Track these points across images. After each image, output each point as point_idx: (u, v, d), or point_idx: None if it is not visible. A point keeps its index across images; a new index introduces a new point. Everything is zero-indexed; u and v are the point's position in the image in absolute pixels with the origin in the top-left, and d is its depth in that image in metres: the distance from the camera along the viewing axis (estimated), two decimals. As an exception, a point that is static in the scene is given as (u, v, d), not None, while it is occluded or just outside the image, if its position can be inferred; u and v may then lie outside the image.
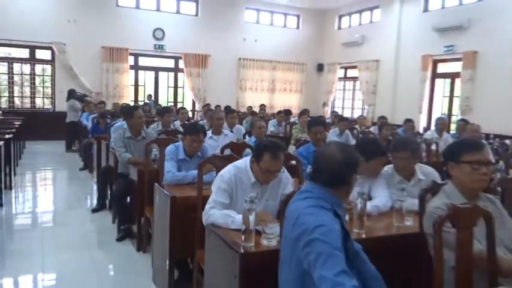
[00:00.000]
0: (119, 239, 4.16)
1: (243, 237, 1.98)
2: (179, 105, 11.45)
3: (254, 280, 1.95)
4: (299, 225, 1.60)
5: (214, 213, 2.31)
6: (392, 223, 2.47)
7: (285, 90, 13.96)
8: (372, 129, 7.35)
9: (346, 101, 13.56)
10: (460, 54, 8.92)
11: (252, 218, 1.96)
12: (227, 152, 3.61)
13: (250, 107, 11.81)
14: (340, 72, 13.35)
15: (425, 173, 2.95)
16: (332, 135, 6.46)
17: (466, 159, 2.00)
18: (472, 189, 2.02)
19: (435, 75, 9.98)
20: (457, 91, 9.27)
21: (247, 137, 5.40)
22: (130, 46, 11.64)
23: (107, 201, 5.16)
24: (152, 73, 12.84)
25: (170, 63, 12.86)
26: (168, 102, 12.74)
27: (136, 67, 12.40)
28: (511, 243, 2.05)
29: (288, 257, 1.68)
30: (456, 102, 9.28)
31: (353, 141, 6.49)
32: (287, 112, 9.18)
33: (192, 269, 2.88)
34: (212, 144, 4.63)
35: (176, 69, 12.90)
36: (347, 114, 12.41)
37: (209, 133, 4.98)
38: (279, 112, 9.02)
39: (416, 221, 2.32)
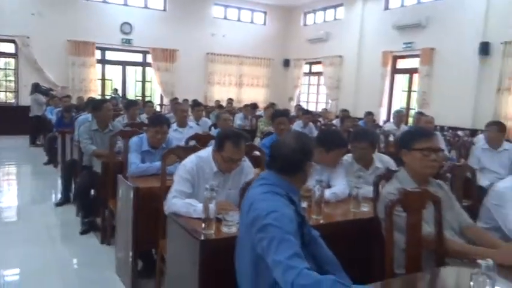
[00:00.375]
0: (83, 232, 4.11)
1: (203, 225, 2.02)
2: (147, 100, 11.30)
3: (215, 266, 1.99)
4: (253, 210, 1.65)
5: (176, 202, 2.33)
6: (350, 209, 2.57)
7: (252, 85, 14.06)
8: (334, 121, 7.53)
9: (311, 95, 13.78)
10: (418, 51, 9.25)
11: (212, 206, 2.00)
12: (192, 144, 3.63)
13: (217, 101, 11.81)
14: (306, 68, 13.56)
15: (382, 161, 3.09)
16: (296, 127, 6.57)
17: (417, 147, 2.11)
18: (422, 174, 2.14)
19: (395, 71, 10.31)
20: (415, 86, 9.61)
21: (213, 129, 5.41)
22: (97, 40, 11.39)
23: (71, 195, 5.07)
24: (120, 67, 12.62)
25: (138, 57, 12.69)
26: (136, 96, 12.58)
27: (103, 61, 12.16)
28: (457, 226, 2.19)
29: (244, 241, 1.73)
30: (414, 96, 9.62)
31: (316, 134, 6.64)
32: (253, 106, 9.25)
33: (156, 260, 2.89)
34: (177, 136, 4.63)
35: (144, 64, 12.75)
36: (312, 108, 12.62)
37: (174, 125, 4.99)
38: (246, 106, 9.07)
39: (372, 206, 2.42)
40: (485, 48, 7.87)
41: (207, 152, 2.55)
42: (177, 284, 2.29)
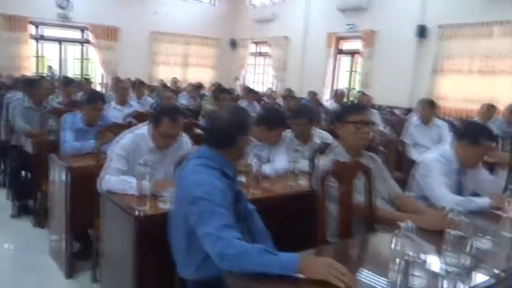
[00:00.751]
0: (14, 216, 3.92)
1: (138, 201, 1.98)
2: (85, 77, 10.79)
3: (152, 243, 1.96)
4: (185, 183, 1.64)
5: (110, 180, 2.26)
6: (288, 183, 2.62)
7: (198, 65, 13.80)
8: (279, 100, 7.59)
9: (258, 75, 13.79)
10: (360, 33, 9.47)
11: (146, 181, 1.96)
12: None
13: (161, 80, 11.52)
14: (252, 48, 13.49)
15: (321, 137, 3.17)
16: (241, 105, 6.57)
17: (350, 120, 2.17)
18: (356, 147, 2.21)
19: (339, 52, 10.51)
20: (358, 67, 9.88)
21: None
22: (30, 14, 10.60)
23: (1, 177, 4.78)
24: (57, 45, 11.87)
25: (77, 34, 11.99)
26: (75, 75, 11.94)
27: (38, 38, 11.37)
28: (388, 195, 2.30)
29: (176, 214, 1.72)
30: (356, 77, 9.91)
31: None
32: (198, 85, 9.11)
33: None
34: (117, 114, 4.46)
35: (84, 42, 12.09)
36: (258, 88, 12.61)
37: (113, 103, 4.82)
38: (191, 85, 8.91)
39: (309, 179, 2.48)
40: (422, 31, 8.19)
41: (143, 128, 2.48)
42: (113, 263, 2.24)
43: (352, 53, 10.22)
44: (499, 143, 4.33)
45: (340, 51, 10.52)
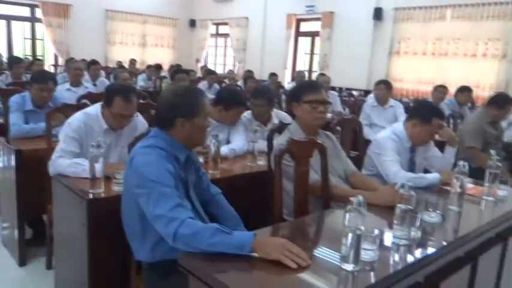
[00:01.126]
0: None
1: (90, 184, 1.92)
2: (36, 57, 10.27)
3: (106, 227, 1.91)
4: (133, 165, 1.60)
5: (62, 163, 2.17)
6: (247, 164, 2.62)
7: (156, 45, 13.44)
8: (239, 83, 7.56)
9: (219, 57, 13.63)
10: (319, 14, 9.52)
11: (99, 163, 1.90)
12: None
13: (119, 62, 11.17)
14: (212, 29, 13.27)
15: (280, 117, 3.19)
16: (201, 87, 6.48)
17: (306, 99, 2.19)
18: (311, 126, 2.23)
19: (298, 34, 10.54)
20: (317, 49, 9.96)
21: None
22: (-32, -13, 9.93)
23: None
24: (3, 22, 11.16)
25: (25, 11, 11.33)
26: (25, 56, 11.30)
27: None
28: (343, 173, 2.35)
29: (127, 196, 1.68)
30: (316, 59, 9.98)
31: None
32: (157, 67, 8.89)
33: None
34: (70, 96, 4.27)
35: (33, 19, 11.44)
36: (219, 70, 12.50)
37: (67, 85, 4.63)
38: (149, 66, 8.69)
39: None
40: (378, 14, 8.33)
41: (95, 108, 2.39)
42: (67, 249, 2.17)
43: (312, 35, 10.27)
44: (450, 122, 4.52)
45: (300, 33, 10.55)
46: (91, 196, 1.89)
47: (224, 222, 1.84)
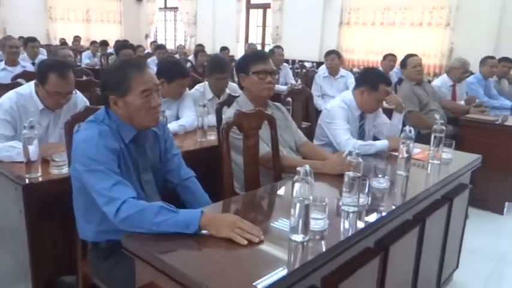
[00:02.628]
0: None
1: (25, 168, 1.79)
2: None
3: (45, 212, 1.81)
4: (74, 142, 1.51)
5: (-5, 147, 2.01)
6: (197, 139, 2.55)
7: (102, 21, 12.81)
8: (190, 57, 7.35)
9: (169, 32, 13.21)
10: (270, -15, 9.38)
11: (33, 146, 1.77)
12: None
13: (62, 39, 10.56)
14: (160, 2, 12.80)
15: (231, 89, 3.13)
16: (151, 64, 6.24)
17: (253, 70, 2.12)
18: (260, 97, 2.18)
19: (249, 6, 10.36)
20: (269, 21, 9.84)
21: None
22: None
23: None
24: None
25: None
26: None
27: None
28: (294, 144, 2.33)
29: (72, 174, 1.57)
30: (268, 31, 9.88)
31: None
32: (102, 43, 8.47)
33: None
34: (5, 76, 4.00)
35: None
36: (170, 45, 12.15)
37: (2, 64, 4.33)
38: (93, 43, 8.26)
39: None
40: (325, -17, 8.30)
41: (28, 87, 2.21)
42: (6, 238, 2.03)
43: (263, 7, 10.12)
44: (397, 90, 4.62)
45: (251, 5, 10.37)
46: (27, 181, 1.77)
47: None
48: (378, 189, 1.82)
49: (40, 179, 1.81)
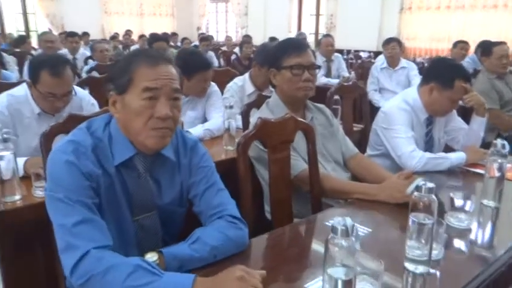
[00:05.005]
0: None
1: (2, 189, 1.45)
2: (33, 35, 9.78)
3: (25, 242, 1.47)
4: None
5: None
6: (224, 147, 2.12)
7: (155, 14, 12.83)
8: (235, 49, 6.95)
9: (220, 24, 12.95)
10: (324, -29, 8.77)
11: (7, 162, 1.42)
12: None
13: (116, 33, 10.61)
14: (212, -6, 12.58)
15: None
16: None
17: (286, 64, 1.65)
18: (295, 98, 1.71)
19: (302, -6, 9.85)
20: (323, 9, 9.24)
21: (90, 62, 4.59)
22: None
23: None
24: (-9, -4, 10.67)
25: (14, -16, 10.80)
26: (17, 31, 10.82)
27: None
28: (340, 157, 1.83)
29: None
30: (322, 20, 9.28)
31: (216, 62, 6.08)
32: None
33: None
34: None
35: (23, -8, 10.91)
36: (221, 37, 11.88)
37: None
38: (142, 36, 8.12)
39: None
40: (388, -34, 7.57)
41: (23, 88, 1.88)
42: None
43: (317, -6, 9.53)
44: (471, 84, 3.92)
45: (304, -7, 9.83)
46: (1, 207, 1.43)
47: None
48: (456, 230, 1.29)
49: (19, 203, 1.47)
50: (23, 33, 10.33)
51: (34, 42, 8.47)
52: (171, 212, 1.24)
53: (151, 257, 1.01)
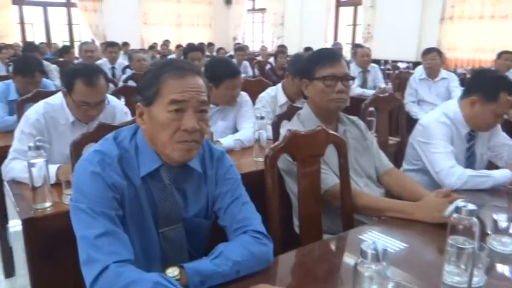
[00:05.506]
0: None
1: (34, 196, 1.47)
2: (76, 45, 10.17)
3: (54, 251, 1.48)
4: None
5: (15, 166, 1.74)
6: (253, 159, 2.08)
7: (192, 24, 13.09)
8: (270, 59, 6.94)
9: (256, 34, 13.04)
10: (362, -20, 8.65)
11: (39, 169, 1.44)
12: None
13: (155, 43, 10.88)
14: (248, 4, 12.68)
15: None
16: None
17: (318, 75, 1.60)
18: (327, 109, 1.65)
19: (339, 4, 9.74)
20: (360, 19, 9.11)
21: (127, 71, 4.70)
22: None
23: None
24: (40, 9, 11.17)
25: (60, -3, 11.31)
26: (63, 41, 11.31)
27: (19, 1, 10.64)
28: (374, 172, 1.75)
29: None
30: (359, 30, 9.14)
31: (250, 72, 6.09)
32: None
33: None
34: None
35: (68, 4, 11.35)
36: (257, 47, 11.94)
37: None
38: (178, 46, 8.28)
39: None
40: (428, -26, 7.39)
41: (59, 97, 1.93)
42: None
43: (354, 4, 9.41)
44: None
45: (341, 3, 9.73)
46: (31, 214, 1.45)
47: None
48: (500, 255, 1.20)
49: (49, 210, 1.48)
50: (68, 44, 10.78)
51: (77, 51, 8.85)
52: (197, 225, 1.22)
53: (172, 271, 0.98)
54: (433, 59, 4.03)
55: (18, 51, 7.14)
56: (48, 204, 1.49)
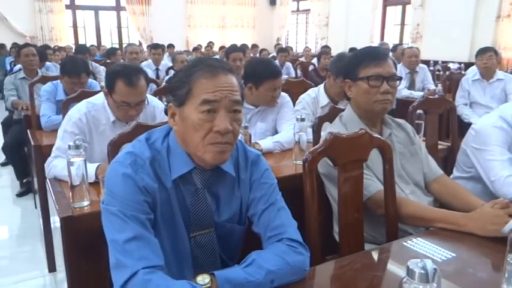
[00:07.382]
0: (20, 195, 3.68)
1: (73, 194, 1.48)
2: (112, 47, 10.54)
3: (93, 250, 1.48)
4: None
5: (57, 165, 1.78)
6: (293, 161, 2.02)
7: (236, 26, 13.20)
8: (314, 60, 6.83)
9: (300, 35, 12.93)
10: (411, -21, 8.35)
11: (77, 168, 1.45)
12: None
13: (199, 45, 11.05)
14: (293, 5, 12.60)
15: None
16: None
17: (362, 75, 1.51)
18: (371, 111, 1.55)
19: (387, 3, 9.45)
20: (408, 19, 8.79)
21: (171, 72, 4.76)
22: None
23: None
24: (92, 13, 11.67)
25: (111, 1, 11.71)
26: (112, 44, 11.75)
27: (73, 6, 11.18)
28: (422, 178, 1.63)
29: None
30: (407, 30, 8.82)
31: (293, 73, 6.02)
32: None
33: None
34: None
35: (118, 8, 11.82)
36: (301, 49, 11.83)
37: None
38: (222, 48, 8.33)
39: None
40: (483, -31, 7.01)
41: (102, 96, 1.95)
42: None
43: (402, 3, 9.11)
44: None
45: (388, 2, 9.45)
46: (69, 212, 1.46)
47: None
48: None
49: (87, 209, 1.49)
50: (116, 46, 11.17)
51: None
52: (229, 230, 1.17)
53: (203, 279, 0.94)
54: (489, 58, 3.78)
55: (70, 53, 7.46)
56: (86, 203, 1.50)
